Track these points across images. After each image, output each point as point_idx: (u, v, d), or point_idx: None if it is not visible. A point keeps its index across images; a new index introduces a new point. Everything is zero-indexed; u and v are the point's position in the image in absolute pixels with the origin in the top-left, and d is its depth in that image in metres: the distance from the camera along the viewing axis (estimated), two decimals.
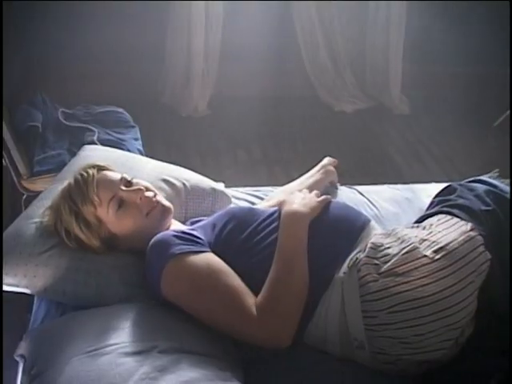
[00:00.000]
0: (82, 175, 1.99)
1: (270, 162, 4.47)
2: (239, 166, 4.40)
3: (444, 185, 2.16)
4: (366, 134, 4.94)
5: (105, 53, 4.80)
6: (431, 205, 2.12)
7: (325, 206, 2.04)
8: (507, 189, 2.05)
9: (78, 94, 4.46)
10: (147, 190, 2.03)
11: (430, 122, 5.12)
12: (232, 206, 2.44)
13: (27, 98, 3.62)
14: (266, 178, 4.21)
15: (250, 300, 1.76)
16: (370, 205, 2.59)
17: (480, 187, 2.04)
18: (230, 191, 2.57)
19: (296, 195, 2.09)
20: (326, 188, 2.57)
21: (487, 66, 5.33)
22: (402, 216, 2.51)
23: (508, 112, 4.93)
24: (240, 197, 2.62)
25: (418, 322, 1.71)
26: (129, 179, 2.04)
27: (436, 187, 2.44)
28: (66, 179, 2.11)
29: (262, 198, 2.61)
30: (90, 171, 2.00)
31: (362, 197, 2.65)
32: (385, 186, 2.78)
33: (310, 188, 2.32)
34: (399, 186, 2.79)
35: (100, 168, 2.04)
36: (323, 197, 2.08)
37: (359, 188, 2.72)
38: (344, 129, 4.96)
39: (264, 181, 3.92)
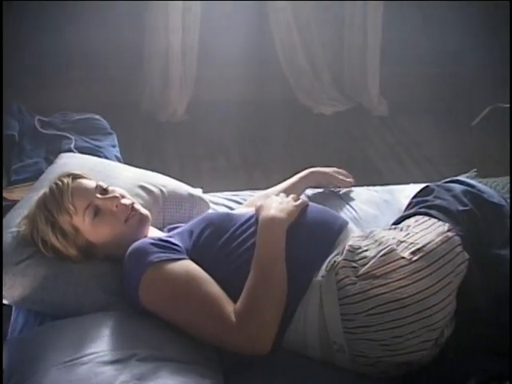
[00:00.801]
0: (56, 184, 1.98)
1: (249, 166, 4.45)
2: (218, 170, 4.39)
3: (422, 186, 2.17)
4: (346, 136, 4.94)
5: (81, 59, 4.79)
6: (409, 206, 2.12)
7: (302, 210, 2.03)
8: (484, 188, 2.06)
9: (54, 100, 4.42)
10: (123, 197, 2.02)
11: (409, 123, 5.12)
12: (210, 211, 2.44)
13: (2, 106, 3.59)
14: (246, 182, 4.19)
15: (229, 307, 1.75)
16: (349, 207, 2.59)
17: (457, 187, 2.04)
18: (208, 196, 2.57)
19: (273, 199, 2.07)
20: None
21: (465, 66, 5.34)
22: (380, 218, 2.51)
23: (486, 110, 4.95)
24: (218, 202, 2.62)
25: (396, 324, 1.71)
26: (104, 187, 2.02)
27: (414, 188, 2.43)
28: (43, 188, 2.10)
29: (240, 203, 2.60)
30: (65, 180, 1.98)
31: (341, 199, 2.65)
32: (363, 188, 2.78)
33: (288, 192, 2.29)
34: (377, 188, 2.79)
35: (75, 176, 2.02)
36: (300, 201, 2.07)
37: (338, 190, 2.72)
38: (323, 131, 4.96)
39: (244, 185, 3.89)
